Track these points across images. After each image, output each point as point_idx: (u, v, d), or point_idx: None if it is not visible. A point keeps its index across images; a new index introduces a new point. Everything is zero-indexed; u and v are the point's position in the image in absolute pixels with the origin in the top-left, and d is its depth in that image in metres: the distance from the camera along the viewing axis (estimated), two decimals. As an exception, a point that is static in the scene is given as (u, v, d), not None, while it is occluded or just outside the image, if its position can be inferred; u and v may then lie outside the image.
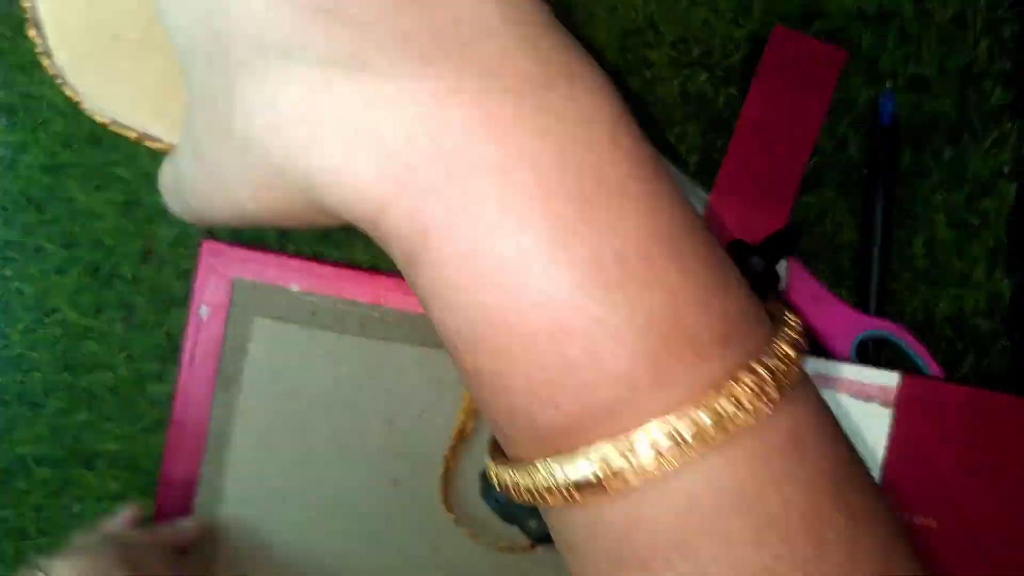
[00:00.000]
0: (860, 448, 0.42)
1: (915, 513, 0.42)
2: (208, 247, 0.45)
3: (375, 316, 0.44)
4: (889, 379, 0.41)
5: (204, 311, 0.45)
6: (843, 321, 0.46)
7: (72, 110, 0.48)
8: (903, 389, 0.41)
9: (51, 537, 0.49)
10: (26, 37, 0.48)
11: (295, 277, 0.45)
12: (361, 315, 0.44)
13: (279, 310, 0.45)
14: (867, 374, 0.41)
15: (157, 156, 0.49)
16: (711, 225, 0.46)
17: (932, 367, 0.45)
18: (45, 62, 0.27)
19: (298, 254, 0.47)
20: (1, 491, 0.48)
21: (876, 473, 0.42)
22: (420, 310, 0.44)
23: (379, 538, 0.45)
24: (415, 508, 0.44)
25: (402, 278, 0.44)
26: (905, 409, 0.41)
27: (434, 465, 0.45)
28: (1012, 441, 0.41)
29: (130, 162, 0.48)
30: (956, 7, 0.48)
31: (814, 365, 0.42)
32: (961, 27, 0.48)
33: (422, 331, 0.44)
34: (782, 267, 0.47)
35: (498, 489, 0.19)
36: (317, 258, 0.46)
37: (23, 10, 0.27)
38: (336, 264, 0.45)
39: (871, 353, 0.46)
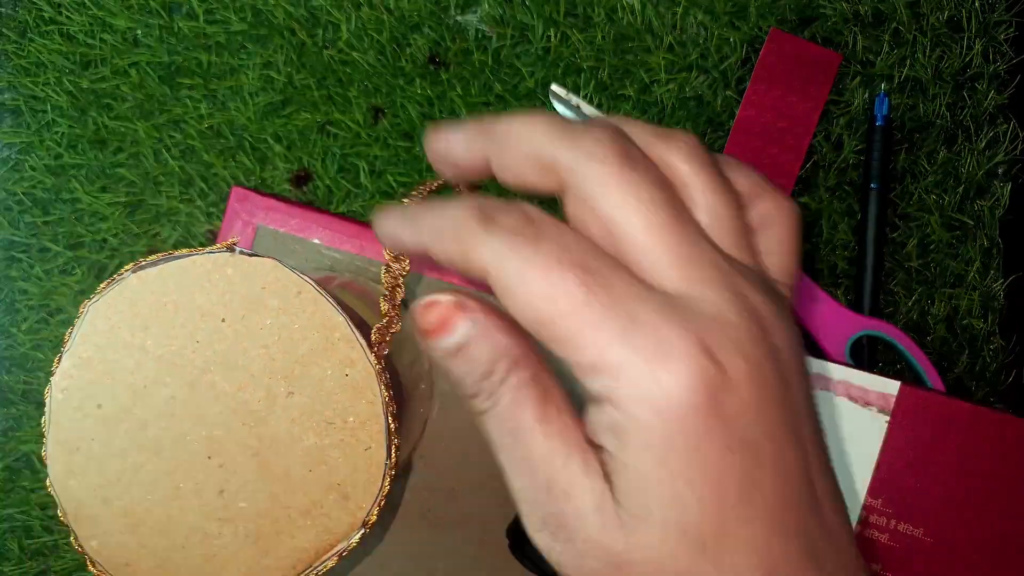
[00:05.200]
0: (853, 452, 0.42)
1: (900, 521, 0.42)
2: (236, 192, 0.45)
3: None
4: (889, 387, 0.41)
5: None
6: (838, 321, 0.46)
7: (77, 112, 0.49)
8: (902, 398, 0.41)
9: (56, 536, 0.49)
10: (31, 40, 0.49)
11: (319, 231, 0.45)
12: (378, 274, 0.44)
13: (299, 262, 0.45)
14: (867, 379, 0.41)
15: (162, 157, 0.49)
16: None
17: (926, 367, 0.46)
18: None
19: (322, 210, 0.48)
20: (6, 490, 0.49)
21: (867, 478, 0.42)
22: (436, 275, 0.44)
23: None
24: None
25: None
26: (902, 418, 0.42)
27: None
28: (1010, 460, 0.41)
29: (135, 163, 0.49)
30: (950, 10, 0.48)
31: (815, 367, 0.42)
32: (956, 30, 0.49)
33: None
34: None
35: None
36: (341, 215, 0.47)
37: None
38: (360, 223, 0.45)
39: (865, 353, 0.47)
